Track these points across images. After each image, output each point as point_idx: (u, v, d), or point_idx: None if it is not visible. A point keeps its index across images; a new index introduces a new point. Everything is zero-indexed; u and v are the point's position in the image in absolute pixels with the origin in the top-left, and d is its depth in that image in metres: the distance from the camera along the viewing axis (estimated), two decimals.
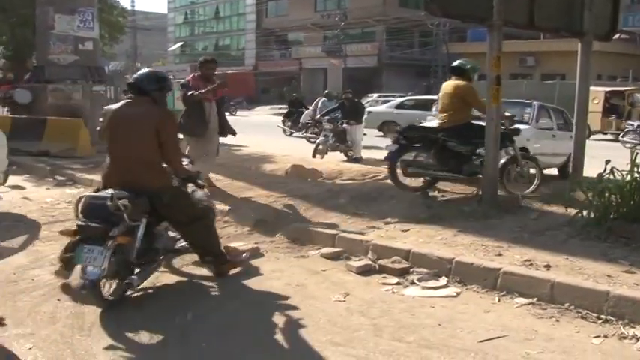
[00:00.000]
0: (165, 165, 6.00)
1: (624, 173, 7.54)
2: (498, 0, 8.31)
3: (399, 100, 29.72)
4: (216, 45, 79.06)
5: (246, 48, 72.85)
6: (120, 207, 5.41)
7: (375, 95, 37.83)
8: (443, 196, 9.61)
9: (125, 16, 41.99)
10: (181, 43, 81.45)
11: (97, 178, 12.18)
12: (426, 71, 55.02)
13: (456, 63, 9.89)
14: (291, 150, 16.82)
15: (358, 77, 53.28)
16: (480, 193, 9.08)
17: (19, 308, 5.65)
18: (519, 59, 47.30)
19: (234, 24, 76.22)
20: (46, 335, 5.04)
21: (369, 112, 23.96)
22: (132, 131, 5.80)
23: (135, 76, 6.21)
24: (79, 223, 5.51)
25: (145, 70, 6.44)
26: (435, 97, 24.98)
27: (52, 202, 10.40)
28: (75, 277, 5.41)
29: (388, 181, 10.38)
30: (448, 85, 9.66)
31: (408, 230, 7.58)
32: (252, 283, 6.36)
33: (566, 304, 5.47)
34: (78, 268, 5.39)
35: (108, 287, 5.59)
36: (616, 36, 12.69)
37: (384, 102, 31.75)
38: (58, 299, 5.82)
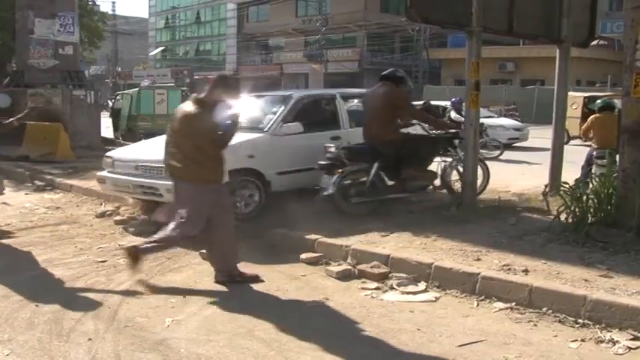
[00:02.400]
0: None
1: (602, 178, 7.61)
2: (477, 7, 8.37)
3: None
4: (197, 49, 78.93)
5: (228, 53, 72.72)
6: (341, 154, 8.66)
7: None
8: (422, 202, 9.64)
9: (105, 21, 41.79)
10: (162, 48, 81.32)
11: (77, 182, 12.18)
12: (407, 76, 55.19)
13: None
14: None
15: (339, 82, 53.32)
16: (459, 198, 9.12)
17: None
18: (499, 65, 47.59)
19: (215, 29, 76.09)
20: (23, 341, 5.01)
21: None
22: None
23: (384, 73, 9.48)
24: (321, 162, 8.84)
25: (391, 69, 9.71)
26: (442, 102, 24.82)
27: (31, 207, 10.37)
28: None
29: None
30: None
31: (388, 235, 7.60)
32: (231, 288, 6.35)
33: (544, 309, 5.50)
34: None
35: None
36: (595, 42, 12.83)
37: None
38: (36, 305, 5.81)
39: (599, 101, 12.23)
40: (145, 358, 4.73)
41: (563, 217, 7.48)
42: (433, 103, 21.47)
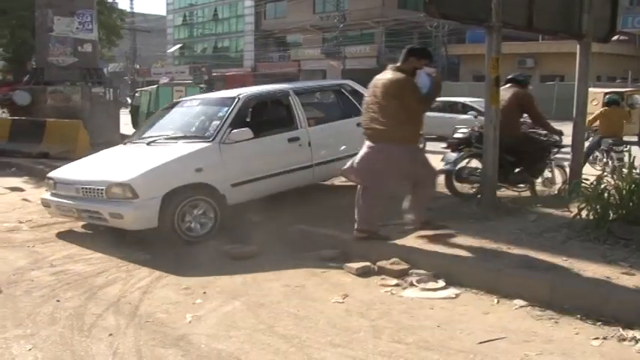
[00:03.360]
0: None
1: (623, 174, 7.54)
2: (497, 2, 8.31)
3: None
4: (215, 46, 79.06)
5: (245, 50, 72.84)
6: (472, 136, 9.48)
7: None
8: (443, 198, 9.59)
9: (123, 19, 42.01)
10: (180, 45, 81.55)
11: None
12: None
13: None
14: None
15: (357, 79, 53.31)
16: (479, 194, 9.08)
17: (18, 309, 5.67)
18: (518, 61, 47.30)
19: (232, 26, 76.21)
20: (45, 336, 5.06)
21: None
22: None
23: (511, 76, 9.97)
24: (450, 140, 9.77)
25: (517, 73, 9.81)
26: (461, 99, 24.76)
27: None
28: None
29: None
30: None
31: (408, 232, 7.58)
32: (252, 284, 6.36)
33: (566, 306, 5.46)
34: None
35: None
36: (615, 37, 12.71)
37: None
38: (58, 300, 5.86)
39: (607, 97, 15.40)
40: (166, 353, 4.75)
41: (584, 213, 7.43)
42: (452, 99, 21.13)
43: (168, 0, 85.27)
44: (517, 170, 9.63)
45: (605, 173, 7.87)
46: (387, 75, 7.23)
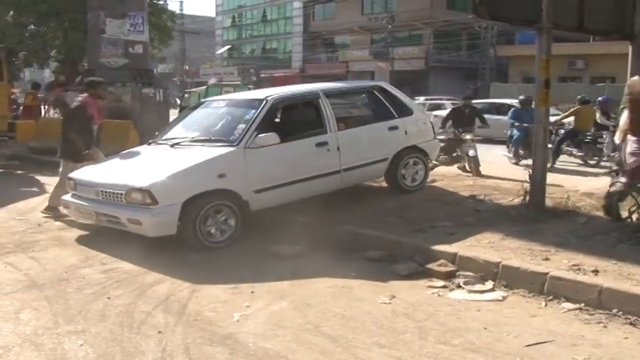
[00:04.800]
0: None
1: None
2: (547, 2, 8.23)
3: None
4: (264, 48, 79.39)
5: (294, 51, 72.99)
6: None
7: (422, 98, 37.55)
8: (490, 200, 9.54)
9: (174, 20, 42.46)
10: (229, 46, 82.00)
11: None
12: (474, 74, 54.51)
13: None
14: None
15: (405, 80, 53.13)
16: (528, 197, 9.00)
17: (70, 306, 5.79)
18: (568, 62, 46.56)
19: (281, 27, 76.44)
20: (96, 332, 5.17)
21: (435, 115, 22.59)
22: None
23: None
24: None
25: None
26: (507, 100, 24.30)
27: None
28: None
29: (435, 185, 10.37)
30: None
31: (455, 234, 7.55)
32: (299, 284, 6.41)
33: (615, 310, 5.40)
34: None
35: None
36: None
37: (437, 105, 31.31)
38: (108, 297, 5.97)
39: (580, 97, 16.92)
40: (214, 351, 4.81)
41: (635, 217, 7.33)
42: (500, 101, 20.93)
43: (217, 2, 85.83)
44: None
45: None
46: None
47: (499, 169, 13.50)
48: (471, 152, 13.33)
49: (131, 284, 6.43)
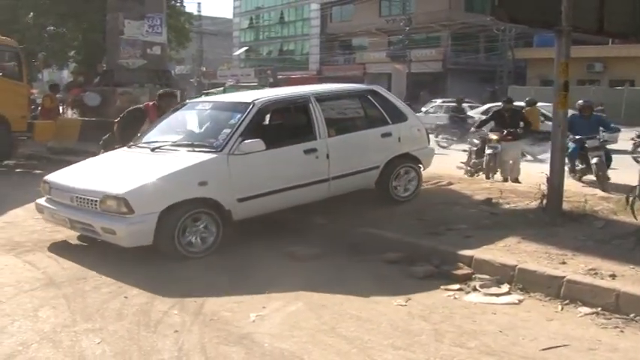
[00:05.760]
0: None
1: None
2: (567, 5, 8.20)
3: (486, 106, 27.54)
4: (281, 49, 79.51)
5: (311, 53, 73.04)
6: None
7: (438, 101, 37.46)
8: (507, 203, 9.50)
9: (192, 22, 42.61)
10: (246, 48, 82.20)
11: None
12: (491, 77, 54.37)
13: None
14: None
15: (422, 82, 53.03)
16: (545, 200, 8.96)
17: (87, 304, 5.84)
18: (587, 65, 46.33)
19: (298, 29, 76.52)
20: (113, 331, 5.20)
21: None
22: None
23: None
24: None
25: None
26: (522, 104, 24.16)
27: None
28: None
29: (451, 187, 10.34)
30: None
31: (471, 237, 7.54)
32: (315, 286, 6.41)
33: (632, 315, 5.38)
34: None
35: None
36: None
37: (452, 107, 31.17)
38: (125, 297, 6.01)
39: (527, 99, 18.17)
40: (230, 351, 4.84)
41: None
42: (517, 104, 20.81)
43: (235, 3, 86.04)
44: None
45: None
46: None
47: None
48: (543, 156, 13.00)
49: (147, 283, 6.45)
